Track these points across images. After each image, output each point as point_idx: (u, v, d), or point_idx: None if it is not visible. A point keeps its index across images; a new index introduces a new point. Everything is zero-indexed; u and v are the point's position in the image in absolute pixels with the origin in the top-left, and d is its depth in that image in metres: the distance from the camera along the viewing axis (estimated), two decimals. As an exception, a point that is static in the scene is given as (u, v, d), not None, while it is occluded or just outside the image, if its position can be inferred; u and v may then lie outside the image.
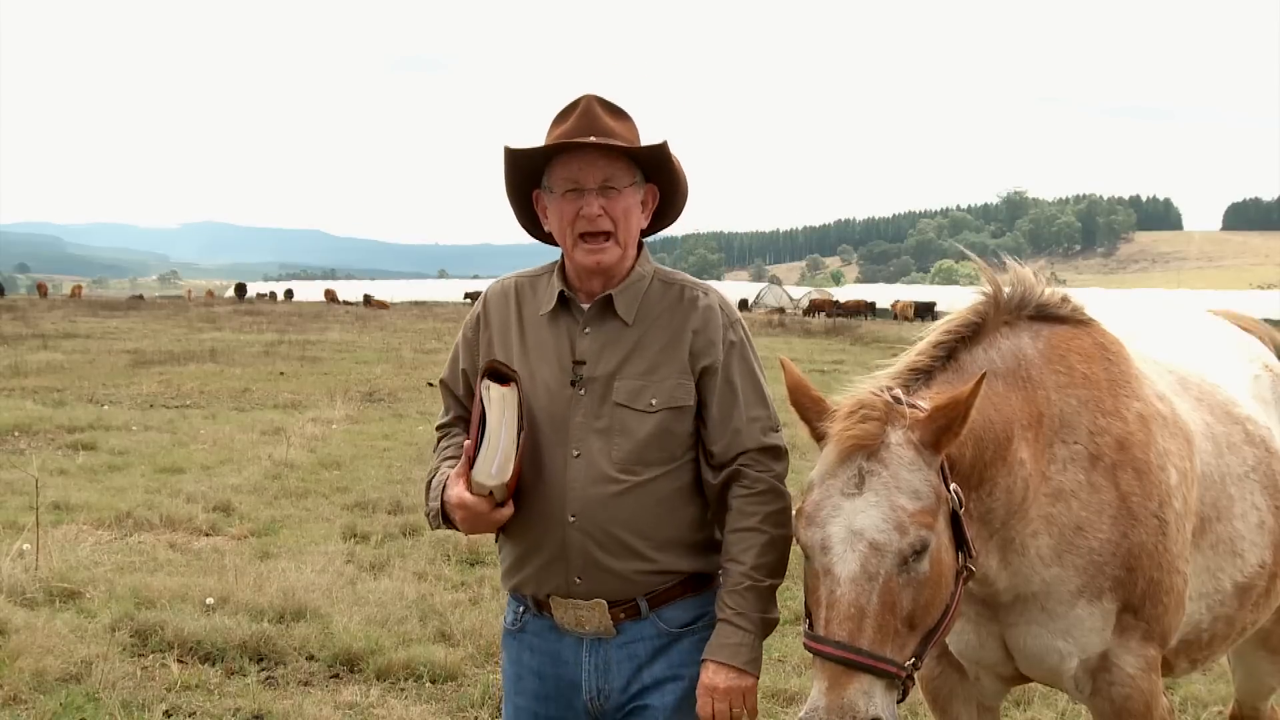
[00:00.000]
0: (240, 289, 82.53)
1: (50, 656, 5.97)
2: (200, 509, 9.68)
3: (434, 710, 5.66)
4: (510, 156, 2.92)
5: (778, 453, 2.97)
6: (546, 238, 3.03)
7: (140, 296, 78.40)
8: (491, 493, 2.81)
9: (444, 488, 2.89)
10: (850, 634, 2.62)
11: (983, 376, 2.82)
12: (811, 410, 2.93)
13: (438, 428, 3.21)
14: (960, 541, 2.84)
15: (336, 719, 5.58)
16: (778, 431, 2.98)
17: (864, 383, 2.98)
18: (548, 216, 2.98)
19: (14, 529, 8.45)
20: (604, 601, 2.89)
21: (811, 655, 2.69)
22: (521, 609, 3.05)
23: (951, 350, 3.13)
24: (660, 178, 2.96)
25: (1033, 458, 3.13)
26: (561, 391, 2.90)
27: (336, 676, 6.12)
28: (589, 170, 2.85)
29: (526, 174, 2.97)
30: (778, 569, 2.91)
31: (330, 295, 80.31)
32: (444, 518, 2.90)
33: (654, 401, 2.87)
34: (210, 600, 6.98)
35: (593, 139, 2.82)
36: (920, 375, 3.05)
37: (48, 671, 5.84)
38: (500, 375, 2.85)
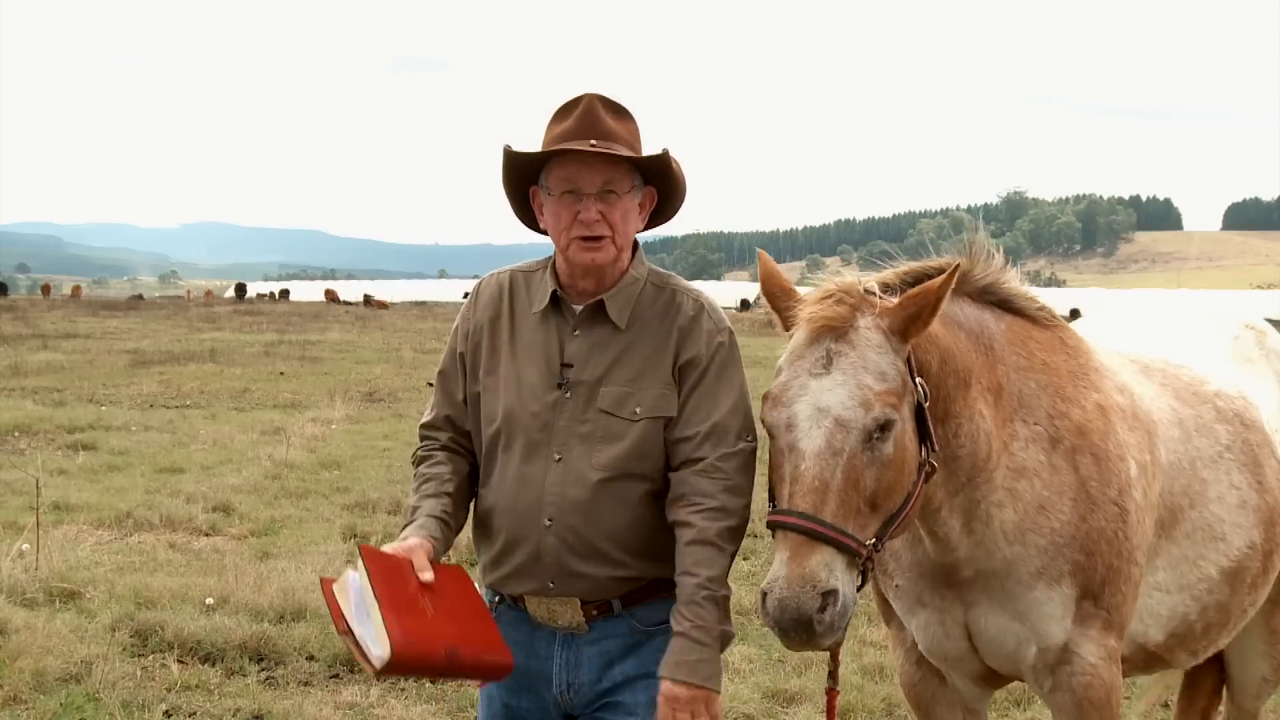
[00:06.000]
0: (240, 289, 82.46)
1: (50, 656, 5.97)
2: (200, 509, 9.68)
3: (434, 710, 5.67)
4: (510, 158, 2.91)
5: (744, 461, 2.89)
6: (545, 231, 3.01)
7: (140, 296, 78.32)
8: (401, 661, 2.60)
9: None
10: (814, 506, 2.65)
11: (956, 267, 2.89)
12: (782, 299, 2.98)
13: (422, 426, 3.20)
14: (924, 435, 2.88)
15: (336, 719, 5.58)
16: (751, 440, 2.92)
17: (836, 278, 2.99)
18: (543, 214, 2.96)
19: (14, 529, 8.44)
20: (578, 600, 2.90)
21: (773, 532, 2.71)
22: (497, 599, 3.04)
23: (919, 280, 3.05)
24: (659, 181, 2.96)
25: (993, 419, 3.14)
26: (547, 394, 2.90)
27: (336, 676, 6.12)
28: (588, 174, 2.83)
29: (524, 171, 2.95)
30: (727, 581, 2.86)
31: (330, 295, 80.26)
32: None
33: (638, 410, 2.87)
34: (210, 600, 6.97)
35: (593, 143, 2.80)
36: (889, 290, 3.01)
37: (48, 671, 5.85)
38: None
